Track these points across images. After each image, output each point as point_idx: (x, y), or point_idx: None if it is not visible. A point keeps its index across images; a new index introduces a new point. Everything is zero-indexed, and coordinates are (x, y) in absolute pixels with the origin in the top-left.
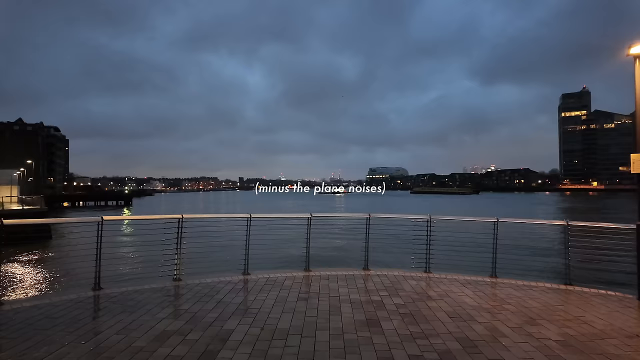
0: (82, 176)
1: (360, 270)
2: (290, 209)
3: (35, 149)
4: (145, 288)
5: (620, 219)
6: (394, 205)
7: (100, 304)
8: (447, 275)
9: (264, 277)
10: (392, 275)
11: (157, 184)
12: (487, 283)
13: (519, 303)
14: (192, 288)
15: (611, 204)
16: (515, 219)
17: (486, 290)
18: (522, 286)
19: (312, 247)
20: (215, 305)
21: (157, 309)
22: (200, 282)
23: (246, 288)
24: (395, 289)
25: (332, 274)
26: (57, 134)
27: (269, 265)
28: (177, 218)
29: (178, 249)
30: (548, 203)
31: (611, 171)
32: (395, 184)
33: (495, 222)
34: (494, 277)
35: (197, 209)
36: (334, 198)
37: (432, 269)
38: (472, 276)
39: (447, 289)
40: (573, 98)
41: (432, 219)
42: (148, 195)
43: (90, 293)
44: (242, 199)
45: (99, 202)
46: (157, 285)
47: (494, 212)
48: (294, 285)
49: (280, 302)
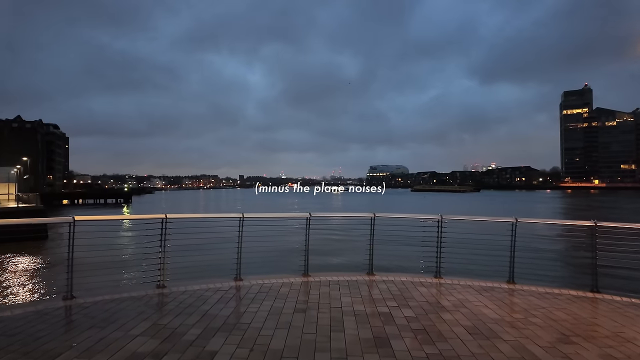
0: (82, 174)
1: (364, 275)
2: (289, 207)
3: (34, 147)
4: (123, 297)
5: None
6: (395, 204)
7: (69, 317)
8: (459, 280)
9: (257, 283)
10: (400, 281)
11: (157, 181)
12: (504, 290)
13: (545, 315)
14: (176, 297)
15: (613, 202)
16: (535, 220)
17: (505, 299)
18: (544, 294)
19: (311, 250)
20: (199, 319)
21: (133, 323)
22: (187, 289)
23: (237, 297)
24: (404, 297)
25: (333, 280)
26: (56, 131)
27: (264, 269)
28: (161, 218)
29: (162, 253)
30: (550, 201)
31: (612, 169)
32: (396, 182)
33: (513, 222)
34: (511, 283)
35: (197, 207)
36: (332, 196)
37: (443, 273)
38: (488, 282)
39: (462, 297)
40: (575, 95)
41: (444, 219)
42: (148, 193)
43: (60, 303)
44: (242, 196)
45: (99, 200)
46: (137, 293)
47: (498, 211)
48: (291, 294)
49: (274, 315)
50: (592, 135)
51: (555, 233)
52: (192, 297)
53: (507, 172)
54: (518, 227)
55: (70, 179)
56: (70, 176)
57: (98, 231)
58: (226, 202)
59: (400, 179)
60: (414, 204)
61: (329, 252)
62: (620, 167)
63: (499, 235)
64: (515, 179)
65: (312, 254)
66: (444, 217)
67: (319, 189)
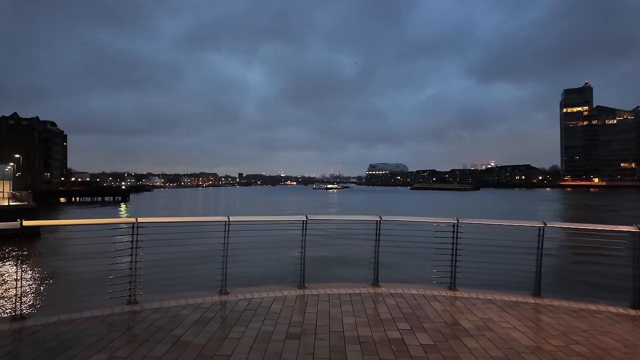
0: (80, 171)
1: (368, 287)
2: (286, 205)
3: (31, 144)
4: (84, 316)
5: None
6: (394, 202)
7: (9, 346)
8: (478, 293)
9: (245, 298)
10: (410, 294)
11: (156, 179)
12: (531, 306)
13: (588, 341)
14: (147, 316)
15: (616, 200)
16: (567, 224)
17: (536, 318)
18: (578, 311)
19: (308, 258)
20: (169, 348)
21: (86, 354)
22: (161, 306)
23: (219, 316)
24: (417, 317)
25: (333, 293)
26: (53, 128)
27: (254, 280)
28: (131, 222)
29: (133, 262)
30: (552, 199)
31: (612, 167)
32: (395, 180)
33: (541, 227)
34: (538, 297)
35: (195, 205)
36: (327, 193)
37: (459, 285)
38: (510, 295)
39: (485, 316)
40: (575, 94)
41: (460, 223)
42: (147, 190)
43: (4, 326)
44: (241, 194)
45: (96, 197)
46: (102, 311)
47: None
48: (284, 312)
49: (262, 343)
50: (593, 133)
51: (588, 239)
52: (165, 316)
53: (507, 171)
54: (546, 232)
55: (68, 177)
56: (68, 174)
57: (65, 238)
58: (225, 199)
59: (400, 177)
60: (413, 203)
61: (328, 260)
62: (621, 165)
63: (521, 241)
64: (515, 177)
65: (309, 262)
66: (460, 221)
67: (314, 186)
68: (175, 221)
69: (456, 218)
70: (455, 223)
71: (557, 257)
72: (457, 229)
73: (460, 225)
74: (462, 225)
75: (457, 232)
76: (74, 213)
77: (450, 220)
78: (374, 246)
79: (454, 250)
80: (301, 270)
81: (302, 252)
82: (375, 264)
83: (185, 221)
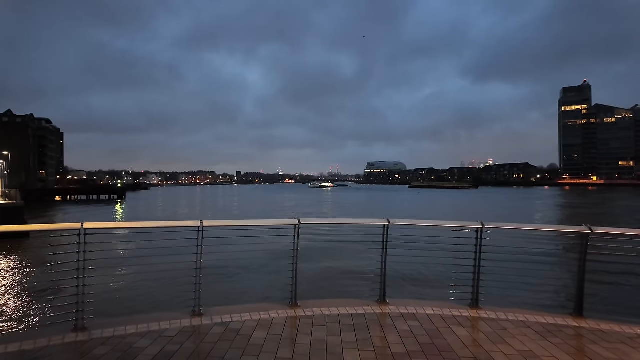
0: (77, 169)
1: (374, 305)
2: (283, 204)
3: (25, 142)
4: (10, 351)
5: None
6: (392, 201)
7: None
8: (506, 313)
9: (222, 321)
10: (424, 314)
11: (153, 177)
12: (575, 330)
13: None
14: (95, 347)
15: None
16: (617, 229)
17: (588, 350)
18: (635, 338)
19: (301, 269)
20: None
21: None
22: (115, 333)
23: (185, 350)
24: (437, 347)
25: (331, 314)
26: (48, 126)
27: (235, 297)
28: (76, 229)
29: (80, 278)
30: (552, 198)
31: (610, 166)
32: (394, 179)
33: (586, 233)
34: (580, 318)
35: (193, 202)
36: (322, 191)
37: (483, 302)
38: (547, 315)
39: (523, 347)
40: (573, 92)
41: (486, 227)
42: (144, 189)
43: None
44: (239, 192)
45: (91, 196)
46: (38, 342)
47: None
48: (268, 343)
49: None
50: (591, 131)
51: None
52: (116, 350)
53: (505, 169)
54: (591, 240)
55: (64, 175)
56: (64, 172)
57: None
58: (223, 198)
59: (398, 175)
60: (412, 202)
61: (325, 272)
62: (619, 163)
63: (557, 249)
64: (513, 176)
65: (303, 275)
66: (486, 226)
67: (309, 184)
68: (134, 227)
69: (480, 222)
70: (479, 228)
71: (601, 270)
72: (481, 235)
73: (486, 231)
74: (487, 230)
75: (482, 239)
76: (67, 212)
77: (473, 225)
78: (381, 255)
79: (477, 261)
80: (292, 285)
81: (294, 263)
82: (381, 277)
83: (148, 227)
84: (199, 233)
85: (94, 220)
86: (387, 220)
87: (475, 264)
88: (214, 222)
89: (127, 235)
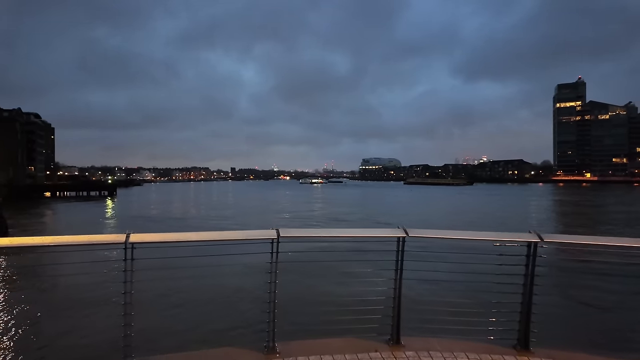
0: (69, 165)
1: (383, 348)
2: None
3: (13, 136)
4: None
5: None
6: (387, 198)
7: None
8: (570, 358)
9: None
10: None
11: (146, 173)
12: None
13: None
14: None
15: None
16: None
17: None
18: None
19: (282, 298)
20: None
21: None
22: None
23: None
24: None
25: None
26: (37, 120)
27: (187, 337)
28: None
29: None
30: (548, 194)
31: (604, 163)
32: (389, 175)
33: (534, 242)
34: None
35: (187, 199)
36: (312, 187)
37: (536, 343)
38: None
39: None
40: (568, 89)
41: (545, 241)
42: (136, 185)
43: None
44: (233, 189)
45: (81, 192)
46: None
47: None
48: None
49: None
50: (585, 128)
51: None
52: None
53: (500, 166)
54: None
55: (55, 171)
56: (56, 168)
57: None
58: (217, 194)
59: (393, 172)
60: (407, 199)
61: (315, 302)
62: (612, 160)
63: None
64: (507, 172)
65: (283, 307)
66: (544, 239)
67: (300, 180)
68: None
69: (536, 233)
70: (535, 242)
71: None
72: (534, 252)
73: (541, 246)
74: (543, 246)
75: (536, 257)
76: (52, 208)
77: (526, 238)
78: (394, 279)
79: (528, 286)
80: (269, 322)
81: (271, 290)
82: (394, 309)
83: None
84: (127, 251)
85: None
86: (404, 230)
87: (526, 290)
88: (150, 237)
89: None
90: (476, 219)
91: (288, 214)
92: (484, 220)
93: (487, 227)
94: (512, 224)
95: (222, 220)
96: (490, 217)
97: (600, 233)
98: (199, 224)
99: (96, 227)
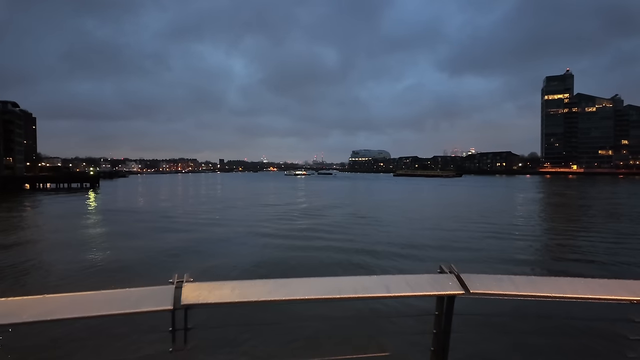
0: (51, 156)
1: None
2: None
3: None
4: None
5: None
6: (379, 193)
7: None
8: None
9: None
10: None
11: (133, 165)
12: None
13: None
14: None
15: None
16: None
17: None
18: None
19: None
20: None
21: None
22: None
23: None
24: None
25: None
26: (15, 109)
27: None
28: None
29: None
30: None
31: (590, 154)
32: (378, 167)
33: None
34: None
35: (176, 194)
36: (296, 179)
37: None
38: None
39: None
40: (556, 81)
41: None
42: (121, 177)
43: None
44: (221, 180)
45: (62, 184)
46: None
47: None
48: None
49: None
50: (572, 120)
51: None
52: None
53: (488, 157)
54: None
55: (37, 162)
56: (38, 159)
57: None
58: (205, 186)
59: (383, 163)
60: (399, 193)
61: None
62: (598, 152)
63: None
64: (496, 164)
65: None
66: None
67: (285, 172)
68: None
69: None
70: None
71: None
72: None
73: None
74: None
75: None
76: (26, 202)
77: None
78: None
79: None
80: None
81: None
82: None
83: None
84: None
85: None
86: (456, 276)
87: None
88: None
89: None
90: (478, 213)
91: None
92: (482, 214)
93: (486, 224)
94: (505, 218)
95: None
96: (491, 211)
97: (584, 224)
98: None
99: (73, 221)
